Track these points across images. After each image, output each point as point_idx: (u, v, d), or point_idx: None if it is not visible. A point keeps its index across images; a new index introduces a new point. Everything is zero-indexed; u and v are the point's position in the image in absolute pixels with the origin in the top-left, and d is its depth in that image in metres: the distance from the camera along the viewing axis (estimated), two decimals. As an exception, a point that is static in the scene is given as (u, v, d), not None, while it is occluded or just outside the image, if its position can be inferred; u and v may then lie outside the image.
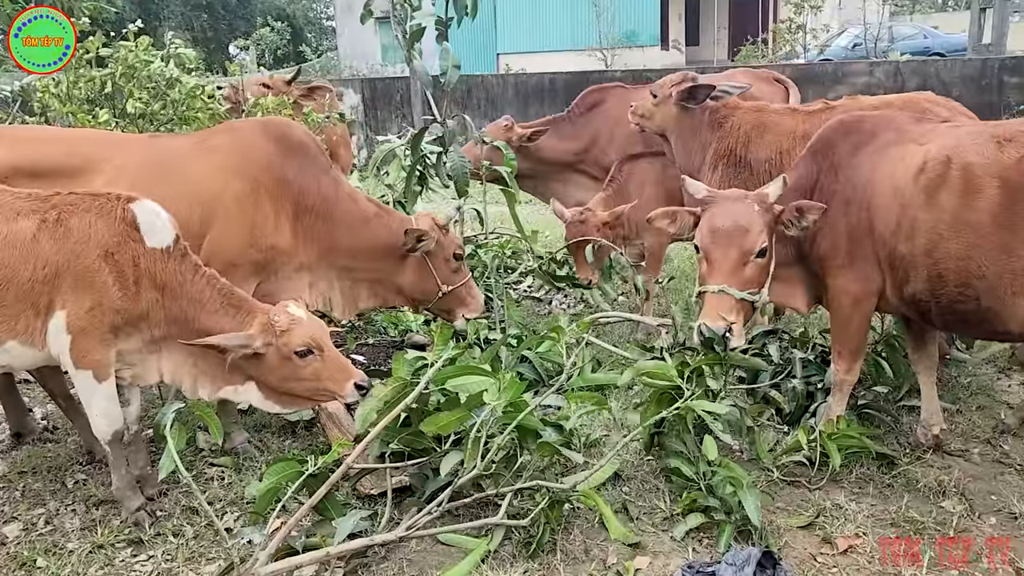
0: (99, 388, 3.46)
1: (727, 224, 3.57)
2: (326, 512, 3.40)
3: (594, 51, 24.02)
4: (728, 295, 3.52)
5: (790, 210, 3.58)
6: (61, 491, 3.93)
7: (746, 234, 3.54)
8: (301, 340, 3.43)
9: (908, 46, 23.75)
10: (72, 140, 4.34)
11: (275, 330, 3.40)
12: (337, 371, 3.52)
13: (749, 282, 3.56)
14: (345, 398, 3.54)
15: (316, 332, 3.50)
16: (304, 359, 3.44)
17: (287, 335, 3.42)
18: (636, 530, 3.43)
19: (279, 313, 3.45)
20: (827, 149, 3.73)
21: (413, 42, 5.15)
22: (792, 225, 3.60)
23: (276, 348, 3.42)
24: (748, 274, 3.56)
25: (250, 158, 4.19)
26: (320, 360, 3.48)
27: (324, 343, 3.50)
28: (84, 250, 3.32)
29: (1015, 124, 3.38)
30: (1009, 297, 3.25)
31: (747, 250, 3.55)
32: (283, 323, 3.43)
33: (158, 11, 39.58)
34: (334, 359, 3.53)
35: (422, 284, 4.53)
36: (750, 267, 3.56)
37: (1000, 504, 3.53)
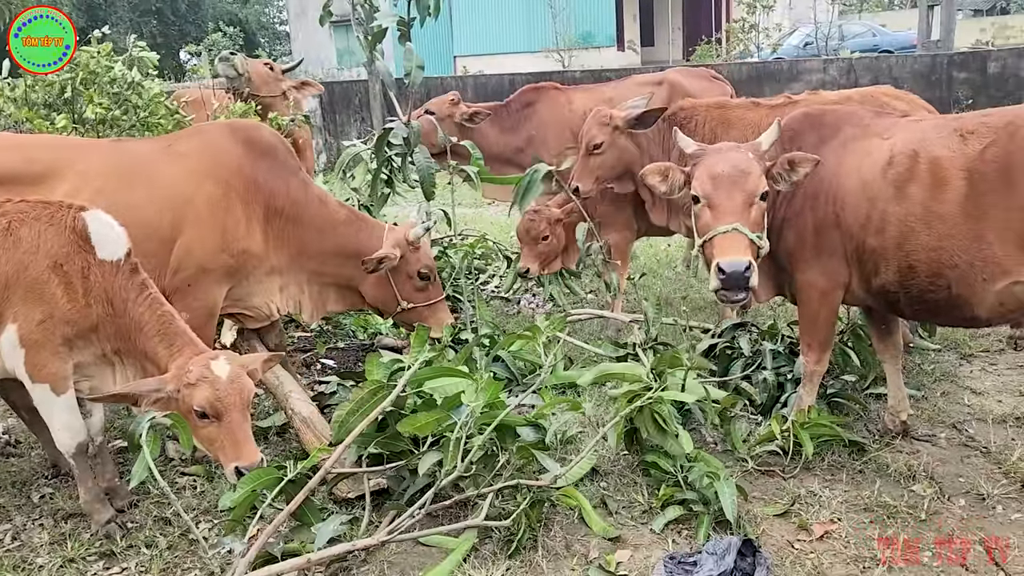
0: (58, 401, 3.39)
1: (728, 169, 3.48)
2: (304, 518, 3.35)
3: (551, 52, 24.11)
4: (742, 233, 3.40)
5: (781, 162, 3.53)
6: (27, 506, 3.83)
7: (748, 176, 3.46)
8: (200, 401, 3.15)
9: (858, 44, 24.21)
10: (32, 146, 4.22)
11: (184, 379, 3.18)
12: (229, 447, 3.19)
13: (756, 224, 3.46)
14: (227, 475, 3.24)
15: (225, 399, 3.18)
16: (200, 420, 3.19)
17: (191, 390, 3.17)
18: (616, 524, 3.44)
19: (196, 364, 3.21)
20: (794, 139, 3.77)
21: (375, 44, 5.12)
22: (782, 179, 3.55)
23: (181, 396, 3.19)
24: (754, 216, 3.46)
25: (220, 161, 4.13)
26: (216, 428, 3.19)
27: (226, 413, 3.18)
28: (33, 261, 3.24)
29: (976, 117, 3.46)
30: (979, 284, 3.32)
31: (751, 191, 3.46)
32: (193, 376, 3.17)
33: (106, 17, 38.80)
34: (232, 433, 3.19)
35: (382, 296, 4.50)
36: (755, 208, 3.46)
37: (968, 486, 3.61)
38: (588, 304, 5.78)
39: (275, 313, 4.40)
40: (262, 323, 4.45)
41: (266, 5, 50.21)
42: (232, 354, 3.46)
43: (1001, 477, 3.66)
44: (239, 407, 3.22)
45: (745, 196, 3.45)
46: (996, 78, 12.71)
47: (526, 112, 6.60)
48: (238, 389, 3.23)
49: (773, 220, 3.73)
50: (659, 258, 7.70)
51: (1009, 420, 4.17)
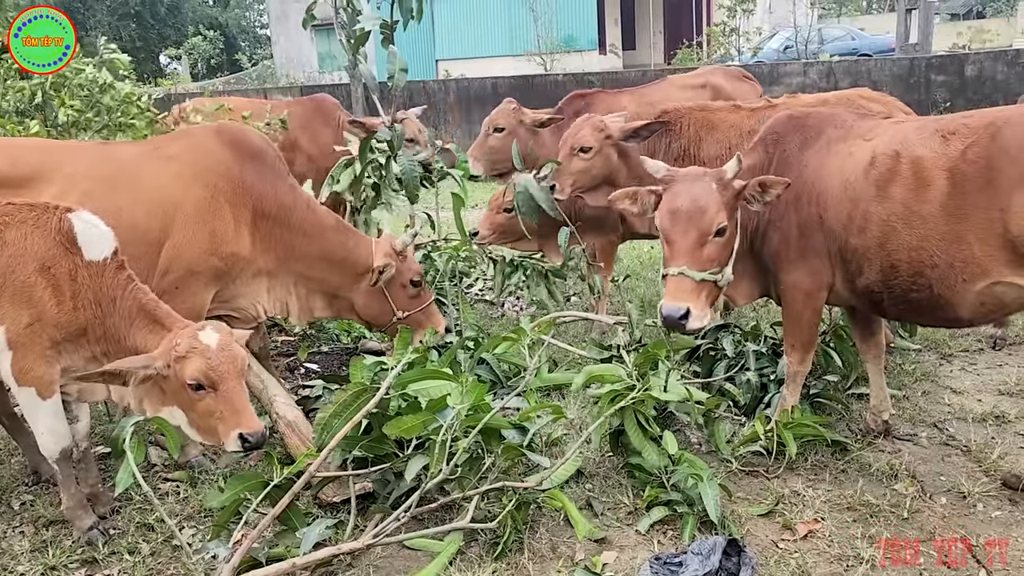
0: (43, 405, 3.35)
1: (685, 204, 3.53)
2: (289, 522, 3.34)
3: (533, 56, 24.13)
4: (687, 277, 3.51)
5: (752, 185, 3.57)
6: (7, 513, 3.79)
7: (703, 214, 3.50)
8: (193, 372, 3.14)
9: (837, 47, 24.45)
10: (17, 149, 4.17)
11: (173, 353, 3.17)
12: (229, 415, 3.19)
13: (709, 261, 3.53)
14: (228, 445, 3.23)
15: (218, 367, 3.17)
16: (196, 392, 3.18)
17: (181, 363, 3.15)
18: (601, 525, 3.45)
19: (184, 337, 3.20)
20: (778, 141, 3.80)
21: (358, 47, 5.12)
22: (755, 199, 3.59)
23: (172, 372, 3.17)
24: (707, 253, 3.52)
25: (208, 164, 4.12)
26: (212, 398, 3.18)
27: (222, 381, 3.18)
28: (20, 264, 3.20)
29: (957, 118, 3.49)
30: (960, 284, 3.35)
31: (705, 230, 3.51)
32: (182, 348, 3.16)
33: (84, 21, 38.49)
34: (230, 401, 3.20)
35: (377, 308, 4.50)
36: (709, 247, 3.52)
37: (949, 484, 3.64)
38: (572, 306, 5.79)
39: (262, 314, 4.38)
40: (249, 324, 4.43)
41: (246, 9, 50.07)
42: (219, 323, 3.43)
43: (982, 475, 3.70)
44: (234, 375, 3.23)
45: (699, 235, 3.51)
46: (973, 81, 12.86)
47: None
48: (230, 357, 3.23)
49: (758, 222, 3.76)
50: (643, 260, 7.74)
51: (989, 419, 4.21)
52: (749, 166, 3.80)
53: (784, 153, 3.75)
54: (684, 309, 3.46)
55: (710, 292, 3.58)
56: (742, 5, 22.22)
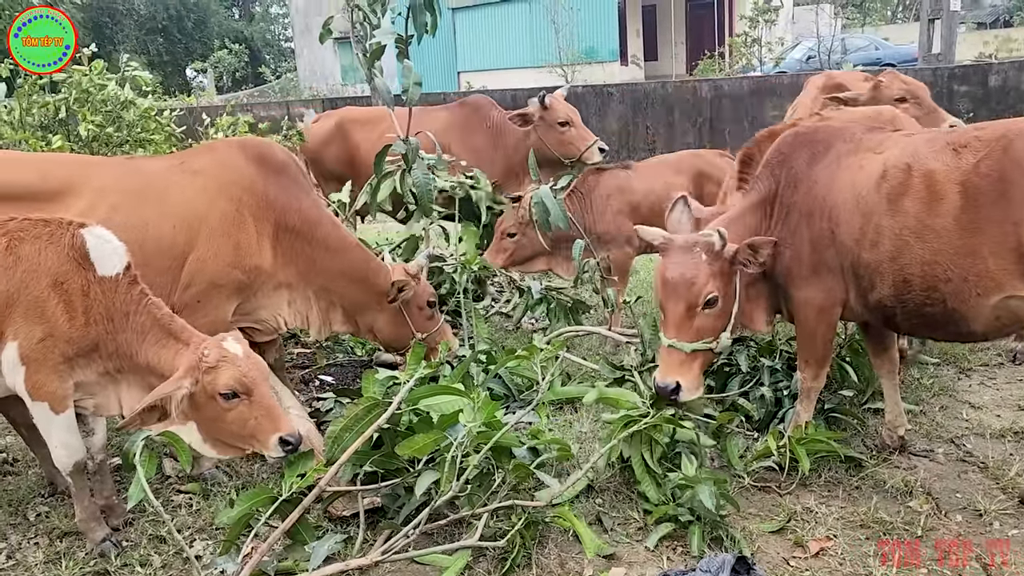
0: (56, 420, 3.38)
1: (674, 275, 3.55)
2: (298, 536, 3.36)
3: (554, 67, 24.18)
4: (678, 350, 3.53)
5: (743, 249, 3.56)
6: (23, 524, 3.83)
7: (691, 287, 3.51)
8: (227, 381, 3.19)
9: (860, 57, 24.24)
10: (47, 163, 4.24)
11: (202, 366, 3.21)
12: (266, 420, 3.26)
13: (701, 332, 3.54)
14: (270, 451, 3.28)
15: (249, 374, 3.24)
16: (229, 402, 3.22)
17: (214, 373, 3.19)
18: (611, 541, 3.43)
19: (211, 348, 3.25)
20: (783, 162, 3.76)
21: (373, 60, 5.16)
22: (750, 263, 3.58)
23: (202, 386, 3.20)
24: (698, 325, 3.54)
25: (233, 178, 4.16)
26: (247, 406, 3.25)
27: (255, 387, 3.25)
28: (34, 279, 3.24)
29: (968, 130, 3.46)
30: (974, 299, 3.31)
31: (693, 303, 3.53)
32: (212, 359, 3.21)
33: (112, 35, 39.13)
34: (264, 407, 3.27)
35: (396, 331, 4.54)
36: (699, 318, 3.53)
37: (965, 502, 3.59)
38: (587, 319, 5.77)
39: (283, 327, 4.42)
40: (269, 336, 4.46)
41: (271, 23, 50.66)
42: (236, 333, 3.46)
43: (999, 492, 3.64)
44: (263, 380, 3.29)
45: (686, 307, 3.53)
46: (997, 91, 12.70)
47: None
48: (257, 363, 3.32)
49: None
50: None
51: (1007, 435, 4.15)
52: (756, 195, 3.79)
53: (792, 172, 3.71)
54: (673, 384, 3.51)
55: (704, 359, 3.61)
56: (763, 16, 22.13)
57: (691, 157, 5.97)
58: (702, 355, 3.58)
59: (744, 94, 11.52)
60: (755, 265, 3.58)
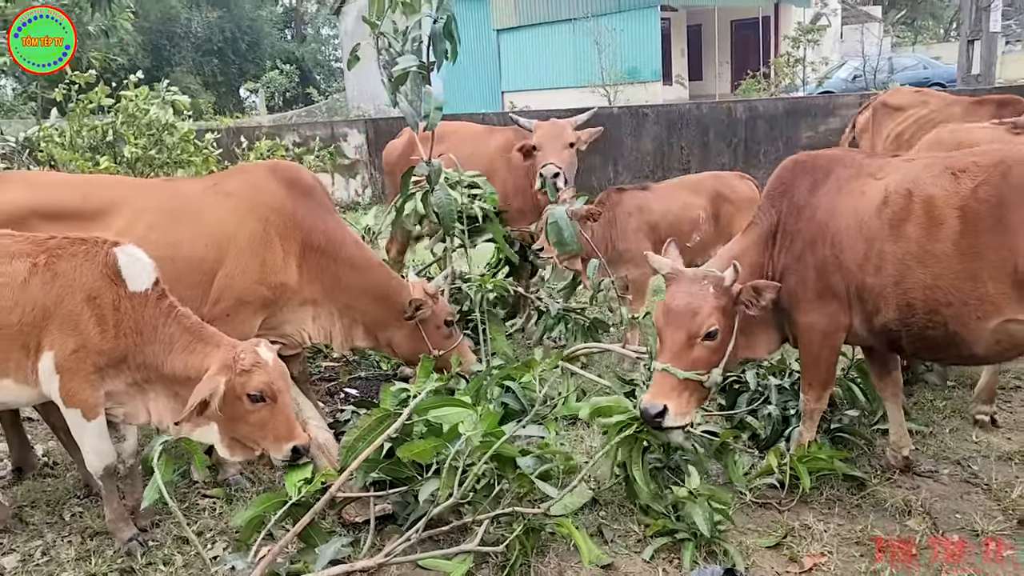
0: (88, 426, 3.60)
1: (679, 305, 3.63)
2: (310, 540, 3.52)
3: (596, 88, 24.34)
4: (670, 375, 3.58)
5: (747, 290, 3.63)
6: (58, 523, 4.06)
7: (694, 317, 3.58)
8: (258, 385, 3.40)
9: (908, 77, 23.94)
10: (90, 184, 4.54)
11: (236, 367, 3.42)
12: (283, 427, 3.47)
13: (696, 363, 3.60)
14: (280, 457, 3.48)
15: (276, 381, 3.46)
16: (254, 404, 3.43)
17: (246, 376, 3.40)
18: (609, 552, 3.53)
19: (247, 352, 3.46)
20: (785, 191, 3.84)
21: (397, 86, 5.35)
22: (752, 305, 3.64)
23: (232, 385, 3.40)
24: (695, 355, 3.60)
25: (261, 200, 4.40)
26: (269, 411, 3.46)
27: (280, 395, 3.46)
28: (69, 294, 3.47)
29: (966, 155, 3.52)
30: (975, 322, 3.37)
31: (694, 332, 3.59)
32: (247, 362, 3.42)
33: (170, 56, 40.40)
34: (284, 414, 3.48)
35: (414, 348, 4.69)
36: (697, 349, 3.60)
37: (964, 522, 3.62)
38: (608, 336, 5.88)
39: (307, 341, 4.62)
40: (294, 351, 4.67)
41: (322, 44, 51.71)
42: (267, 342, 3.67)
43: (999, 514, 3.66)
44: (287, 389, 3.51)
45: (686, 337, 3.59)
46: (1039, 112, 12.49)
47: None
48: (283, 372, 3.53)
49: (773, 268, 3.81)
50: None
51: (1015, 457, 4.16)
52: (759, 228, 3.88)
53: (793, 201, 3.78)
54: (660, 407, 3.53)
55: (695, 391, 3.61)
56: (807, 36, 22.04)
57: (710, 178, 6.07)
58: (693, 386, 3.60)
59: (779, 115, 11.53)
60: (756, 308, 3.63)
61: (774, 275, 3.79)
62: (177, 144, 5.52)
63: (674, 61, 30.87)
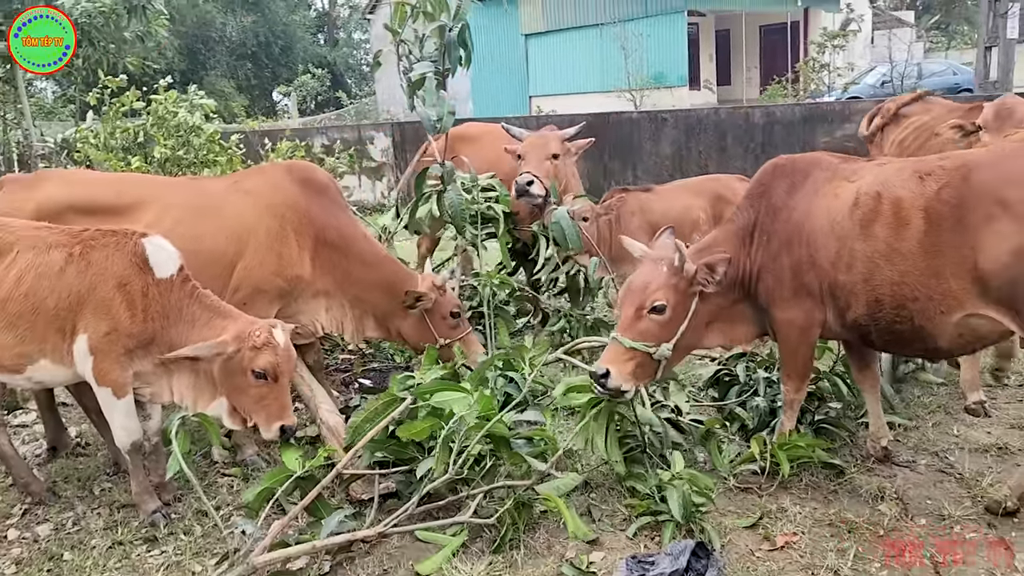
0: (118, 404, 3.92)
1: (634, 282, 3.97)
2: (317, 513, 3.79)
3: (622, 92, 24.55)
4: (619, 343, 3.87)
5: (701, 269, 3.88)
6: (88, 497, 4.39)
7: (643, 291, 3.88)
8: (263, 362, 3.70)
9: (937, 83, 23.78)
10: (122, 182, 4.93)
11: (249, 342, 3.71)
12: (276, 406, 3.77)
13: (644, 335, 3.86)
14: (268, 433, 3.79)
15: (281, 364, 3.75)
16: (256, 380, 3.73)
17: (255, 352, 3.71)
18: (596, 530, 3.77)
19: (263, 330, 3.76)
20: (764, 193, 4.05)
21: (414, 91, 5.64)
22: (709, 282, 3.88)
23: (241, 356, 3.72)
24: (642, 327, 3.87)
25: (278, 198, 4.72)
26: (268, 389, 3.75)
27: (281, 376, 3.76)
28: (102, 281, 3.79)
29: (934, 159, 3.72)
30: (939, 316, 3.56)
31: (640, 305, 3.87)
32: (260, 340, 3.73)
33: (205, 60, 41.21)
34: (280, 395, 3.79)
35: (421, 337, 4.96)
36: (644, 321, 3.87)
37: (933, 508, 3.80)
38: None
39: (320, 330, 4.91)
40: (308, 340, 4.96)
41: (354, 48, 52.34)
42: (282, 323, 3.97)
43: (967, 500, 3.84)
44: (289, 372, 3.82)
45: (635, 310, 3.89)
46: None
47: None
48: (289, 356, 3.82)
49: (751, 266, 4.02)
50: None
51: (991, 450, 4.32)
52: (737, 224, 4.09)
53: (771, 202, 3.98)
54: (604, 370, 3.81)
55: (643, 362, 3.87)
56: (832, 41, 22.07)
57: (710, 181, 6.28)
58: (639, 356, 3.86)
59: (796, 120, 11.67)
60: (713, 284, 3.87)
61: (751, 272, 4.00)
62: (203, 145, 5.85)
63: (702, 66, 30.98)
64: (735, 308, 4.07)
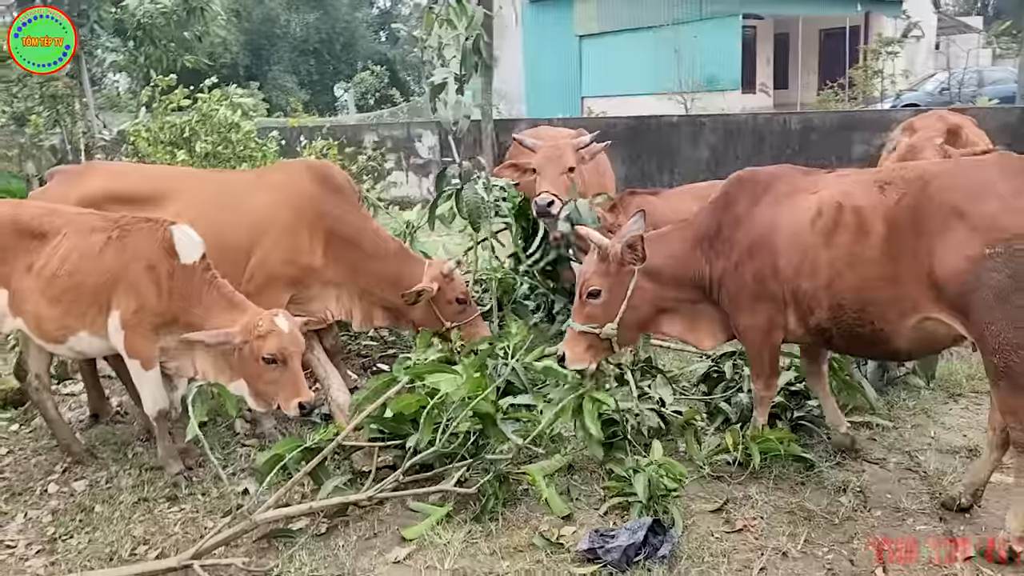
0: (146, 375, 4.36)
1: (579, 271, 4.44)
2: (318, 478, 4.18)
3: (673, 95, 24.57)
4: (572, 328, 4.33)
5: (624, 249, 4.21)
6: (122, 459, 4.85)
7: (582, 279, 4.34)
8: (271, 348, 4.05)
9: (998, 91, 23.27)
10: (155, 174, 5.43)
11: (255, 332, 4.08)
12: (290, 386, 4.11)
13: (588, 318, 4.31)
14: (289, 412, 4.14)
15: (288, 347, 4.09)
16: (268, 365, 4.08)
17: (261, 340, 4.06)
18: (573, 507, 4.07)
19: (265, 320, 4.11)
20: (728, 204, 4.28)
21: (436, 94, 6.00)
22: (636, 260, 4.22)
23: (250, 346, 4.08)
24: (586, 312, 4.32)
25: (296, 193, 5.13)
26: (281, 371, 4.10)
27: (290, 359, 4.10)
28: (134, 263, 4.23)
29: (894, 169, 3.93)
30: (897, 319, 3.77)
31: (580, 293, 4.34)
32: (263, 328, 4.08)
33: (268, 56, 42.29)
34: (292, 376, 4.12)
35: (428, 322, 5.32)
36: (587, 307, 4.31)
37: (891, 501, 4.01)
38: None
39: (330, 317, 5.31)
40: (320, 326, 5.36)
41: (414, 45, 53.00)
42: (286, 312, 4.34)
43: (925, 495, 4.05)
44: (297, 355, 4.17)
45: (579, 296, 4.37)
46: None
47: None
48: (296, 339, 4.19)
49: (712, 272, 4.27)
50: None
51: (961, 452, 4.49)
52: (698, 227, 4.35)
53: (735, 212, 4.20)
54: (561, 353, 4.33)
55: (593, 342, 4.32)
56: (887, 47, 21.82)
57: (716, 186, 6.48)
58: (590, 338, 4.26)
59: (832, 128, 11.72)
60: (639, 261, 4.21)
61: (711, 277, 4.25)
62: (240, 141, 6.30)
63: (759, 69, 30.75)
64: (697, 307, 4.34)
